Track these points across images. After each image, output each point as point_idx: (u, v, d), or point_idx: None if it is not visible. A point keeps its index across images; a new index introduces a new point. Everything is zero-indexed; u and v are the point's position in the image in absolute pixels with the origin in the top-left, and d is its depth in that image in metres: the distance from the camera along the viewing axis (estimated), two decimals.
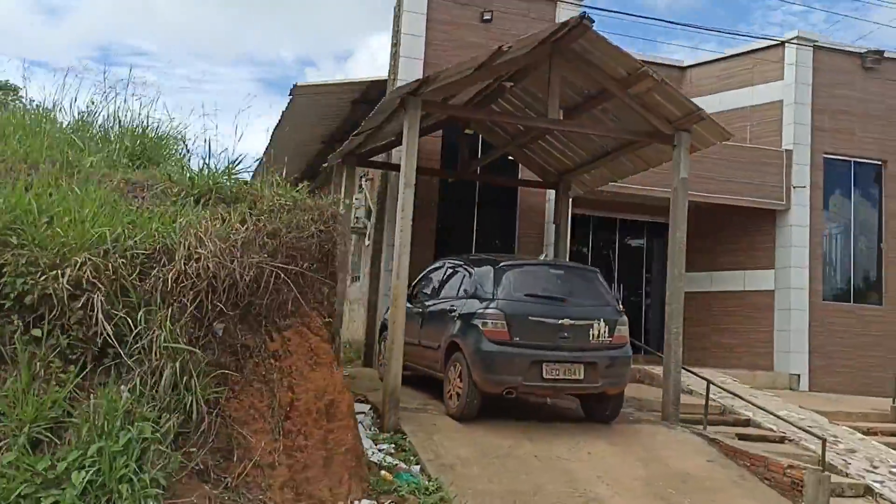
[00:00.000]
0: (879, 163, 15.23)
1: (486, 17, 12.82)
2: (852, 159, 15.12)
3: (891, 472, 8.45)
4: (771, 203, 14.43)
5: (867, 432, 10.31)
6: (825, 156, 14.88)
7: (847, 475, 8.15)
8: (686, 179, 9.07)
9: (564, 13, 12.97)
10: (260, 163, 7.87)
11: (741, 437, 9.09)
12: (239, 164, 6.61)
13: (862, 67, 15.20)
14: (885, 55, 15.17)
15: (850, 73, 15.15)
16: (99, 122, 7.78)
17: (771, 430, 9.60)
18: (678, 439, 8.27)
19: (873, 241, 15.18)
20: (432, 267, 10.19)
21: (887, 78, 15.29)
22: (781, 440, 9.44)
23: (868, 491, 7.89)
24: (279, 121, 14.11)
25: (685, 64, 16.45)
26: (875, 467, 8.59)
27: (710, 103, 15.50)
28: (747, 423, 10.04)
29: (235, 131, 7.31)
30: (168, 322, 5.00)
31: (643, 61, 9.25)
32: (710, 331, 15.31)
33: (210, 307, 5.26)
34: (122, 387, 4.83)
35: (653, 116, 9.18)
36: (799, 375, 13.95)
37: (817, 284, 14.48)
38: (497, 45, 8.35)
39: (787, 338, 14.12)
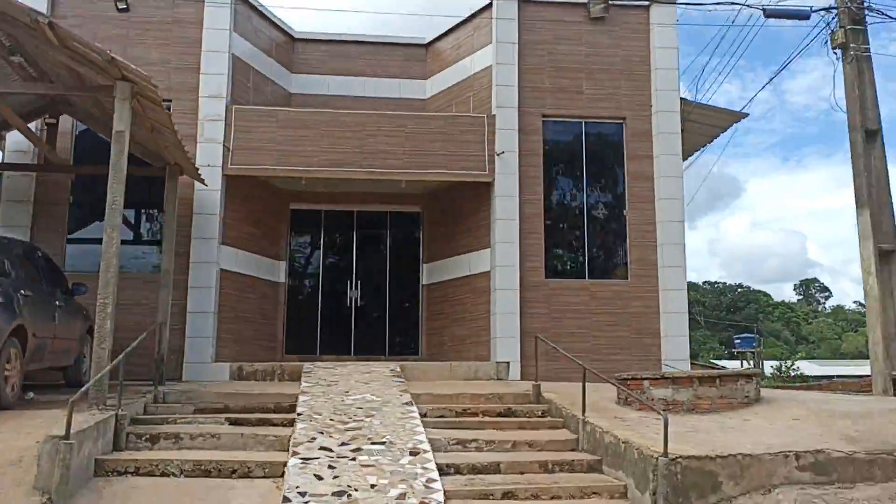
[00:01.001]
0: (618, 121, 13.56)
1: (122, 6, 12.30)
2: (582, 120, 13.53)
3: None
4: (474, 174, 13.02)
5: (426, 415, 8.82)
6: (545, 118, 13.38)
7: None
8: (123, 133, 8.06)
9: None
10: None
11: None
12: None
13: (588, 19, 13.70)
14: (613, 3, 13.62)
15: (574, 26, 13.68)
16: None
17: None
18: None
19: (617, 207, 13.43)
20: None
21: (619, 27, 13.72)
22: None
23: None
24: None
25: (427, 40, 15.38)
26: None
27: (446, 78, 14.50)
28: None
29: None
30: None
31: None
32: (449, 322, 13.86)
33: None
34: None
35: (80, 66, 8.30)
36: (508, 363, 12.28)
37: (534, 261, 12.85)
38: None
39: (498, 322, 12.52)
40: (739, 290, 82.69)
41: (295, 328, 14.29)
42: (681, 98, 13.85)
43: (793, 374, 46.97)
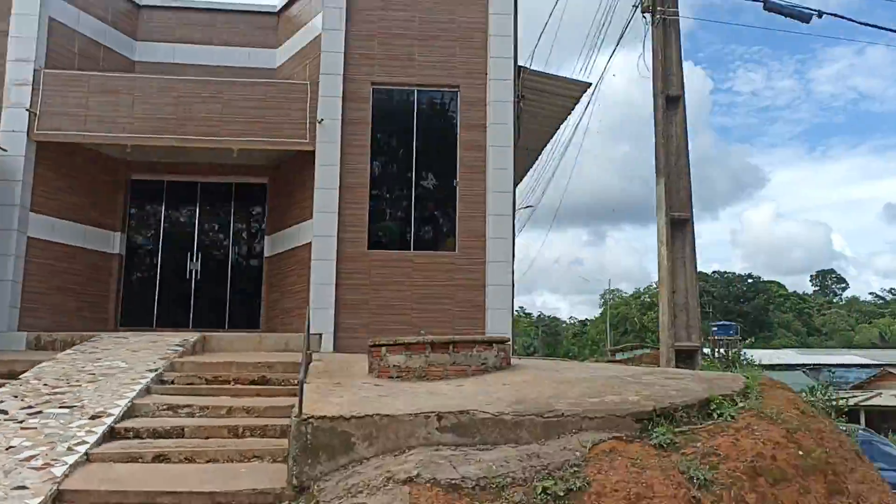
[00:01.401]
0: (451, 89, 13.24)
1: None
2: (415, 88, 13.21)
3: None
4: (295, 143, 12.74)
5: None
6: (375, 86, 13.07)
7: None
8: None
9: None
10: None
11: None
12: None
13: None
14: None
15: None
16: None
17: None
18: None
19: (448, 178, 13.14)
20: None
21: None
22: None
23: None
24: None
25: (278, 8, 15.04)
26: None
27: (292, 46, 14.24)
28: None
29: None
30: None
31: None
32: (280, 295, 13.63)
33: None
34: None
35: None
36: (321, 335, 12.05)
37: (356, 231, 12.59)
38: None
39: (313, 293, 12.27)
40: (750, 280, 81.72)
41: (131, 300, 14.06)
42: (522, 67, 13.54)
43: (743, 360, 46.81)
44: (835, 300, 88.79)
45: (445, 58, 13.20)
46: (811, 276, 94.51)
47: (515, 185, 11.72)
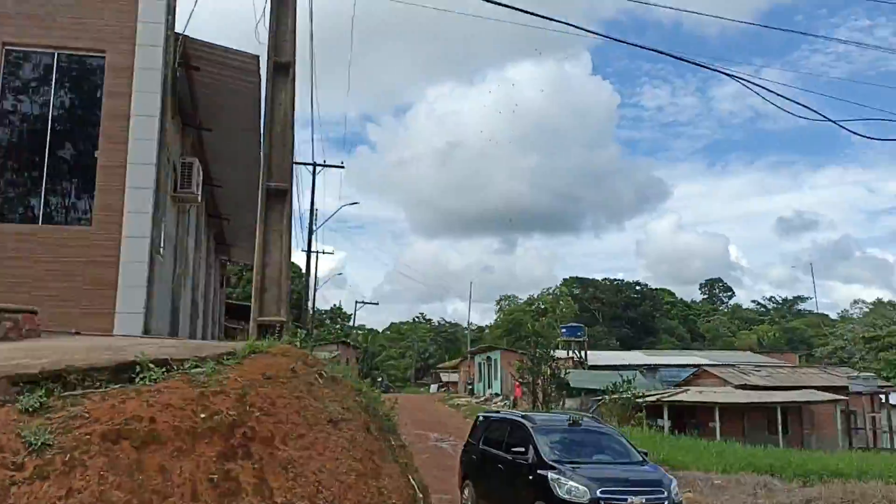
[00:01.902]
0: (97, 54, 12.36)
1: None
2: (55, 50, 12.26)
3: None
4: None
5: None
6: (8, 47, 12.02)
7: None
8: None
9: None
10: None
11: None
12: None
13: None
14: None
15: None
16: None
17: None
18: None
19: (89, 148, 12.23)
20: None
21: None
22: None
23: None
24: None
25: None
26: None
27: None
28: None
29: None
30: None
31: None
32: None
33: None
34: None
35: None
36: None
37: None
38: None
39: None
40: (638, 287, 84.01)
41: None
42: (181, 34, 12.86)
43: None
44: (721, 308, 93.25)
45: (91, 20, 12.32)
46: (700, 284, 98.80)
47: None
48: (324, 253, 44.47)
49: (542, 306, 78.63)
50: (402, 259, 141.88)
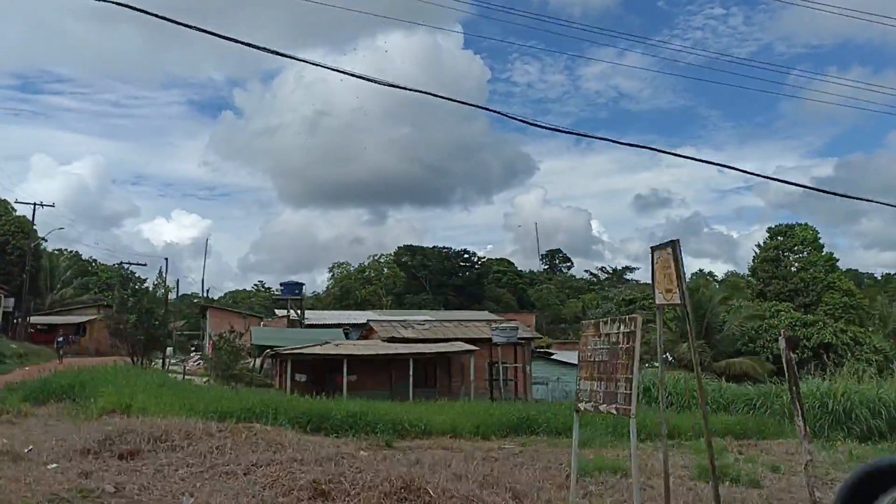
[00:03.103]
0: None
1: None
2: None
3: None
4: None
5: None
6: None
7: None
8: None
9: None
10: None
11: None
12: None
13: None
14: None
15: None
16: None
17: None
18: None
19: None
20: None
21: None
22: None
23: None
24: None
25: None
26: None
27: None
28: None
29: None
30: None
31: None
32: None
33: None
34: None
35: None
36: None
37: None
38: None
39: None
40: (465, 255, 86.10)
41: None
42: None
43: None
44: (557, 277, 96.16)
45: None
46: (541, 255, 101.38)
47: None
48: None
49: (372, 273, 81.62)
50: (269, 228, 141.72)
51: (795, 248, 46.90)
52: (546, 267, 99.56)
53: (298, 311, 45.66)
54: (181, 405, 14.71)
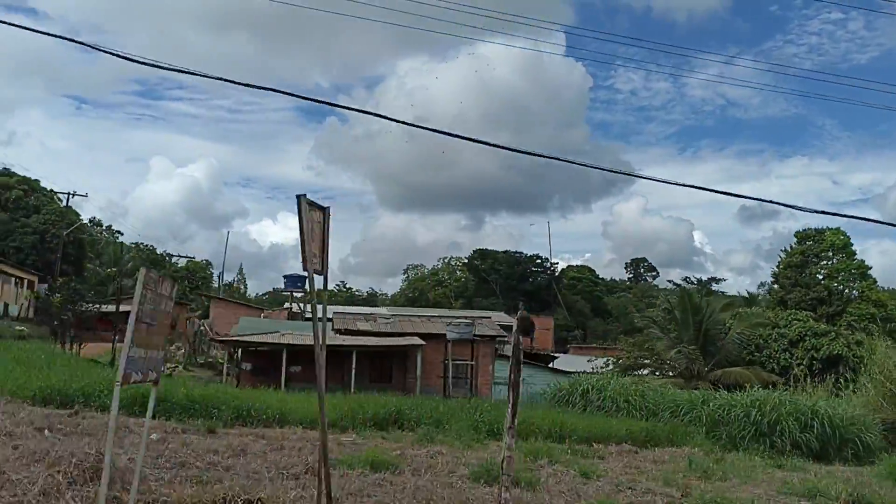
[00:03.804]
0: None
1: None
2: None
3: None
4: None
5: None
6: None
7: None
8: None
9: None
10: None
11: None
12: None
13: None
14: None
15: None
16: None
17: None
18: None
19: None
20: None
21: None
22: None
23: None
24: None
25: None
26: None
27: None
28: None
29: None
30: None
31: None
32: None
33: None
34: None
35: None
36: None
37: None
38: None
39: None
40: (538, 260, 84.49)
41: None
42: None
43: None
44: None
45: None
46: (626, 264, 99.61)
47: None
48: None
49: (446, 276, 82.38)
50: (369, 232, 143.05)
51: (823, 254, 43.95)
52: (630, 276, 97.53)
53: (301, 305, 46.23)
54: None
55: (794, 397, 20.56)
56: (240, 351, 30.25)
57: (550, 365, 39.95)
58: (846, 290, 42.23)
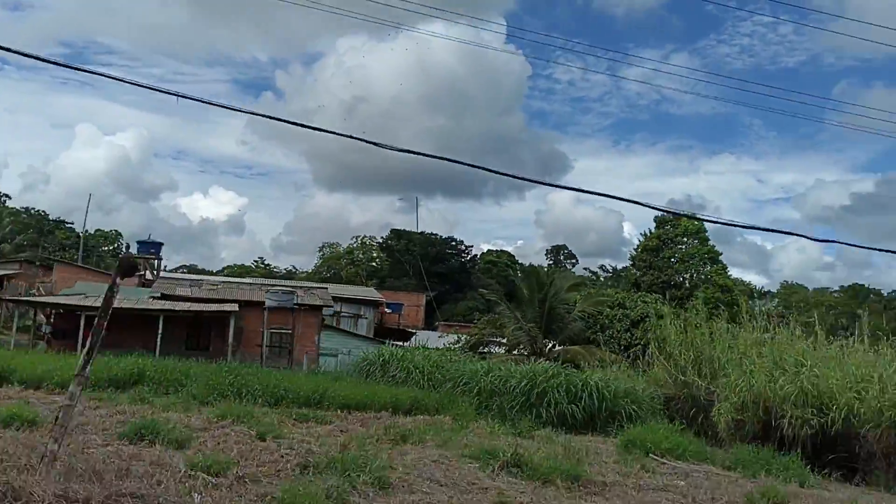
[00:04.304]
0: None
1: None
2: None
3: None
4: None
5: None
6: None
7: None
8: None
9: None
10: None
11: None
12: None
13: None
14: None
15: None
16: None
17: None
18: None
19: None
20: None
21: None
22: None
23: None
24: None
25: None
26: None
27: None
28: None
29: None
30: None
31: None
32: None
33: None
34: None
35: None
36: None
37: None
38: None
39: None
40: (453, 242, 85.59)
41: None
42: None
43: None
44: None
45: None
46: (546, 250, 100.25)
47: None
48: None
49: (361, 255, 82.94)
50: (303, 210, 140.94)
51: (678, 238, 45.17)
52: (550, 262, 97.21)
53: (155, 272, 44.75)
54: None
55: (571, 371, 20.70)
56: (53, 314, 28.82)
57: (407, 343, 39.81)
58: (695, 275, 43.45)
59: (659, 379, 22.70)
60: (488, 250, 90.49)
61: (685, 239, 44.93)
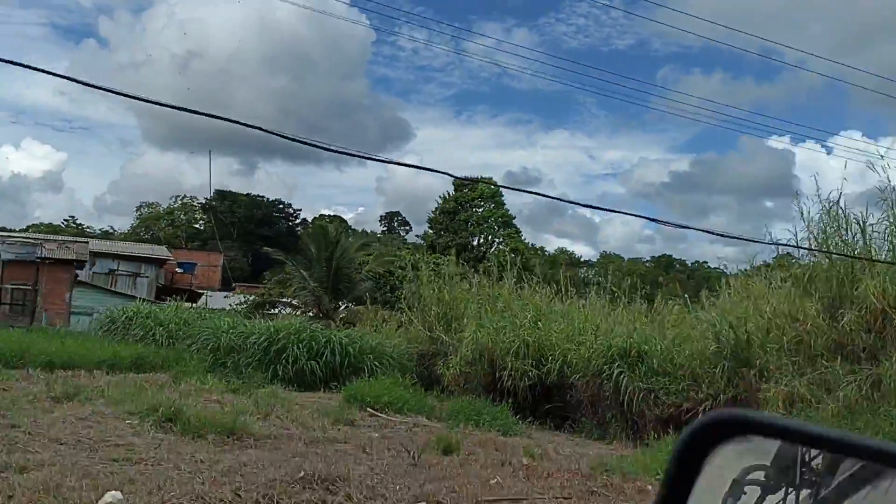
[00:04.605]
0: None
1: None
2: None
3: None
4: None
5: None
6: None
7: None
8: None
9: None
10: None
11: None
12: None
13: None
14: None
15: None
16: None
17: None
18: None
19: None
20: None
21: None
22: None
23: None
24: None
25: None
26: None
27: None
28: None
29: None
30: None
31: None
32: None
33: None
34: None
35: None
36: None
37: None
38: None
39: None
40: (280, 205, 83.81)
41: None
42: None
43: None
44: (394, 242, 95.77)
45: None
46: (380, 217, 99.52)
47: None
48: None
49: (183, 216, 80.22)
50: (130, 169, 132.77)
51: (475, 201, 46.08)
52: (384, 229, 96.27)
53: None
54: None
55: (316, 328, 20.21)
56: None
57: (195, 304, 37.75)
58: (489, 238, 44.57)
59: (415, 336, 22.82)
60: (320, 215, 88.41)
61: (482, 202, 45.85)
